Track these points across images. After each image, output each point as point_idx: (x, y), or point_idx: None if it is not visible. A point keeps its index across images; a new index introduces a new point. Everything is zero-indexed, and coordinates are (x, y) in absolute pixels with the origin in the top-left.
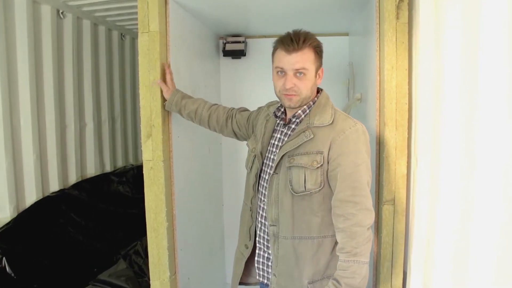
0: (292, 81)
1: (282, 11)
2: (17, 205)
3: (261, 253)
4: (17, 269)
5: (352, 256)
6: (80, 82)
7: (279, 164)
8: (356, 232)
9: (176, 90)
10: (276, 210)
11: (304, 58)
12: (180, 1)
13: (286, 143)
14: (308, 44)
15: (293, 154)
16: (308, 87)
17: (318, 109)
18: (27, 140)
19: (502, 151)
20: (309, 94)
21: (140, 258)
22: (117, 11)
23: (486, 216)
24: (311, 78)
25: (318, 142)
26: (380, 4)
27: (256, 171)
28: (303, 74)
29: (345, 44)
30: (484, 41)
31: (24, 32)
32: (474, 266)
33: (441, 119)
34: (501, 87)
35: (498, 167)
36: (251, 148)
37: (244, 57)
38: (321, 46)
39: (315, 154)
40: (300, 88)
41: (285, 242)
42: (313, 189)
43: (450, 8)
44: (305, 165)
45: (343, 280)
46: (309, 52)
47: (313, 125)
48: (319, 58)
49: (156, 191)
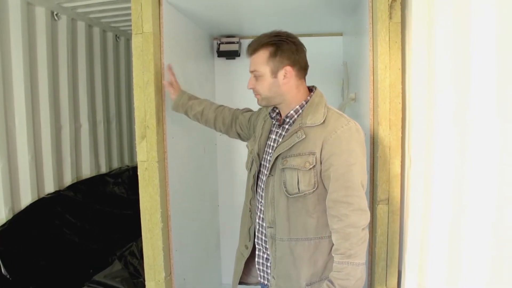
0: (251, 82)
1: (276, 12)
2: (12, 206)
3: (260, 254)
4: (13, 270)
5: (346, 258)
6: (75, 83)
7: (273, 166)
8: (350, 233)
9: (182, 91)
10: (273, 212)
11: (255, 61)
12: (173, 2)
13: (279, 145)
14: (261, 46)
15: (286, 156)
16: (265, 88)
17: (311, 109)
18: (22, 141)
19: (495, 150)
20: (270, 94)
21: (136, 259)
22: (111, 12)
23: (480, 216)
24: (267, 78)
25: (310, 143)
26: (373, 4)
27: (254, 173)
28: (257, 76)
29: (339, 44)
30: (476, 40)
31: (19, 34)
32: (468, 266)
33: (434, 119)
34: (492, 86)
35: (491, 166)
36: (250, 150)
37: (238, 58)
38: (282, 45)
39: (307, 155)
40: (258, 89)
41: (282, 244)
42: (307, 191)
43: (442, 7)
44: (297, 166)
45: (337, 282)
46: (262, 54)
47: (305, 125)
48: (279, 57)
49: (151, 192)
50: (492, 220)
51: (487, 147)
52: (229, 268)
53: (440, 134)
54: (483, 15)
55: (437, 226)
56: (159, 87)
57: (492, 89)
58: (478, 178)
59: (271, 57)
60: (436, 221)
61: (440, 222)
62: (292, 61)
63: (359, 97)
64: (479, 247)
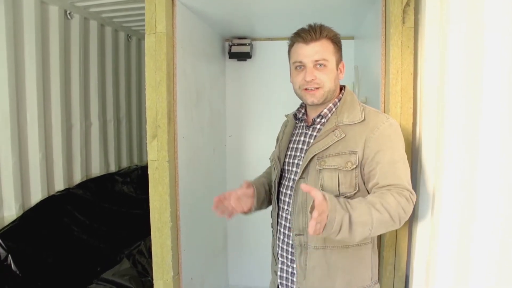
0: (313, 73)
1: (288, 14)
2: (22, 203)
3: (284, 267)
4: (22, 266)
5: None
6: (86, 82)
7: (306, 168)
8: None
9: (255, 189)
10: (304, 218)
11: (323, 48)
12: (186, 3)
13: (313, 145)
14: (325, 35)
15: (323, 156)
16: (331, 79)
17: (345, 106)
18: (33, 139)
19: (505, 157)
20: (333, 87)
21: (144, 257)
22: (124, 12)
23: (489, 221)
24: (332, 69)
25: (351, 141)
26: (386, 8)
27: (274, 178)
28: (324, 65)
29: (350, 47)
30: (490, 46)
31: (32, 32)
32: (476, 270)
33: (445, 124)
34: (506, 93)
35: (501, 173)
36: (271, 158)
37: (249, 60)
38: (339, 38)
39: (349, 155)
40: (323, 80)
41: (315, 252)
42: (348, 193)
43: (455, 13)
44: (338, 166)
45: (335, 205)
46: (328, 43)
47: (342, 123)
48: (339, 50)
49: (161, 191)
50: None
51: (498, 153)
52: (235, 269)
53: (451, 139)
54: (497, 21)
55: (445, 230)
56: (171, 87)
57: (505, 96)
58: (488, 183)
59: (335, 48)
60: (444, 226)
61: (449, 226)
62: (342, 57)
63: (370, 101)
64: (488, 252)
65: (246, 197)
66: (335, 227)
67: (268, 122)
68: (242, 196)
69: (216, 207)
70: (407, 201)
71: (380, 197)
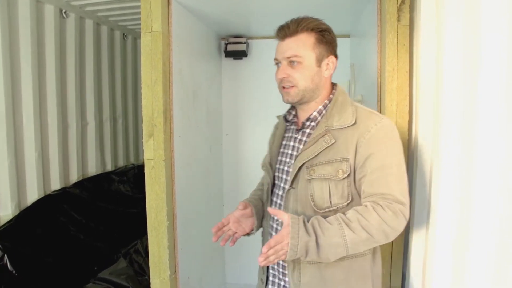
0: (284, 70)
1: (284, 12)
2: (18, 203)
3: (276, 281)
4: (19, 266)
5: (350, 224)
6: (82, 81)
7: (296, 177)
8: (376, 213)
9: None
10: None
11: (298, 43)
12: (182, 2)
13: (302, 152)
14: (304, 27)
15: (313, 164)
16: (306, 77)
17: (335, 109)
18: (29, 139)
19: (502, 155)
20: (310, 86)
21: (141, 256)
22: (119, 11)
23: (485, 219)
24: (309, 66)
25: (342, 147)
26: (381, 6)
27: (267, 187)
28: (298, 62)
29: (346, 45)
30: (486, 44)
31: (27, 31)
32: (473, 268)
33: (441, 122)
34: (502, 91)
35: (498, 170)
36: (262, 164)
37: (245, 58)
38: (328, 30)
39: (340, 162)
40: (296, 78)
41: (309, 267)
42: (340, 204)
43: (451, 10)
44: (328, 176)
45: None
46: (306, 37)
47: (332, 127)
48: (324, 43)
49: (157, 190)
50: (498, 223)
51: (494, 152)
52: (233, 267)
53: (447, 137)
54: (493, 18)
55: (442, 228)
56: (167, 86)
57: (502, 94)
58: (485, 182)
59: (317, 42)
60: (441, 223)
61: (446, 224)
62: (335, 51)
63: (365, 99)
64: (485, 250)
65: (245, 218)
66: (300, 252)
67: (264, 120)
68: (241, 218)
69: (217, 236)
70: (395, 215)
71: (360, 213)
